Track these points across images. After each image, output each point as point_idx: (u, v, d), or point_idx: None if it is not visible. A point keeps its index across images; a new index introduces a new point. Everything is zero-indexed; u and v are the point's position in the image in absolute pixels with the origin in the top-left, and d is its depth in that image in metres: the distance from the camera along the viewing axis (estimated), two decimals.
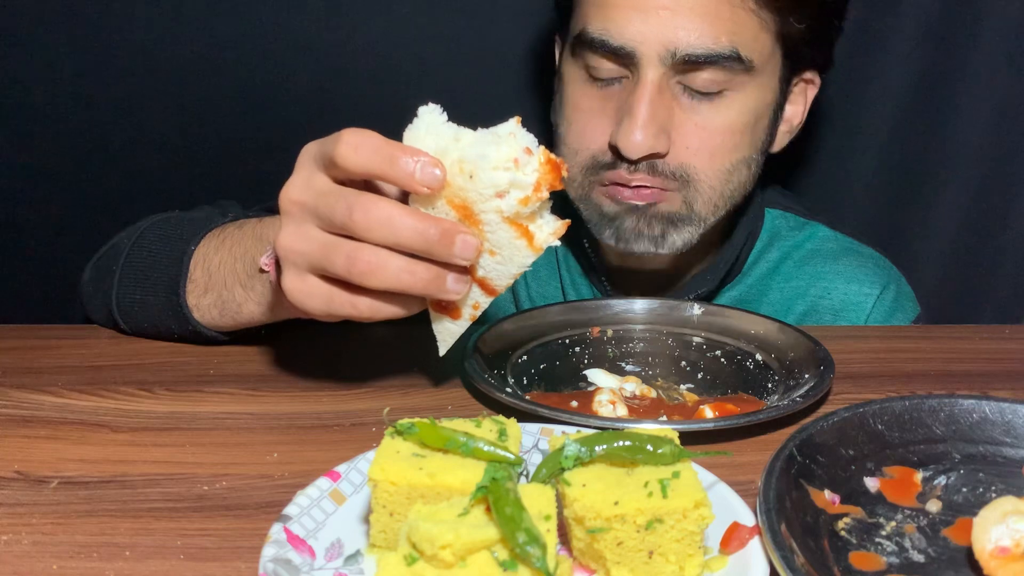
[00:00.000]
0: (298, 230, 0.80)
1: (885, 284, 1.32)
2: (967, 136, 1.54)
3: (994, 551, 0.63)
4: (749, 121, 1.15)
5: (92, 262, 1.20)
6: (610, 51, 1.10)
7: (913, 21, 1.51)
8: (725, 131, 1.13)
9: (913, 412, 0.83)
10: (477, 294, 0.83)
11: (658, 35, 1.07)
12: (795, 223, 1.37)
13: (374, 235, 0.76)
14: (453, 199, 0.77)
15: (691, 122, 1.12)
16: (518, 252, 0.79)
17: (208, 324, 1.05)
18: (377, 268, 0.76)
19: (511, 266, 0.80)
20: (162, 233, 1.12)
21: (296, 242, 0.80)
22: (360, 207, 0.76)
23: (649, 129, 1.09)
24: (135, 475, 0.80)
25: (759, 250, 1.34)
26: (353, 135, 0.77)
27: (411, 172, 0.75)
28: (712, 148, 1.13)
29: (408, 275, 0.77)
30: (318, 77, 1.54)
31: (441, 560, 0.55)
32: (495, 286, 0.83)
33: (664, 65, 1.09)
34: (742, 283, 1.33)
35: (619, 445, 0.65)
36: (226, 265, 1.02)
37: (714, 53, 1.08)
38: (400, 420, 0.68)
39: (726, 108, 1.13)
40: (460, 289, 0.80)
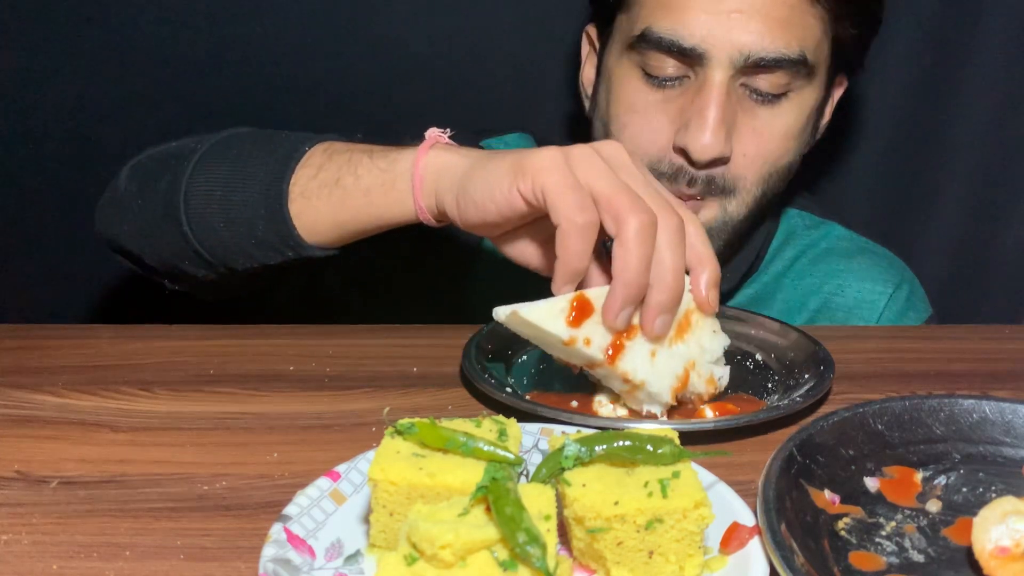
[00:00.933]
0: (569, 183, 0.79)
1: (898, 283, 1.32)
2: (967, 136, 1.54)
3: (994, 551, 0.63)
4: (804, 125, 1.16)
5: (133, 164, 1.09)
6: (679, 51, 1.08)
7: (913, 21, 1.51)
8: (782, 136, 1.14)
9: (913, 412, 0.83)
10: (599, 341, 0.82)
11: (730, 37, 1.06)
12: (811, 222, 1.38)
13: (667, 261, 0.80)
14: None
15: (749, 127, 1.12)
16: (716, 344, 0.89)
17: (305, 219, 0.95)
18: (660, 282, 0.80)
19: (655, 377, 0.85)
20: (266, 135, 1.04)
21: (567, 181, 0.79)
22: (665, 237, 0.80)
23: (720, 132, 1.08)
24: (135, 475, 0.80)
25: (775, 248, 1.35)
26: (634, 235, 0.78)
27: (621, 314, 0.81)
28: (766, 155, 1.13)
29: (637, 271, 0.78)
30: (319, 77, 1.54)
31: (441, 560, 0.55)
32: (621, 365, 0.83)
33: (733, 67, 1.08)
34: (758, 281, 1.34)
35: (619, 445, 0.65)
36: (359, 148, 0.95)
37: (784, 57, 1.08)
38: (400, 420, 0.68)
39: (785, 112, 1.13)
40: (662, 329, 0.82)
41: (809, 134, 1.20)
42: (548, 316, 0.80)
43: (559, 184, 0.78)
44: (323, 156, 0.96)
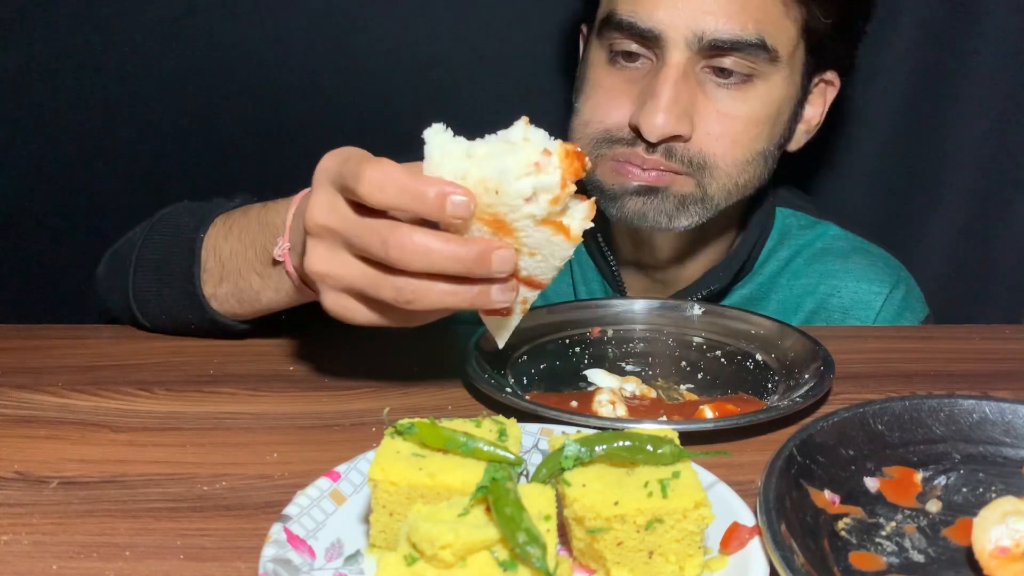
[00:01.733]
0: (332, 256, 0.80)
1: (895, 283, 1.32)
2: (967, 136, 1.54)
3: (994, 551, 0.63)
4: (771, 113, 1.16)
5: (106, 257, 1.20)
6: (637, 33, 1.11)
7: (913, 21, 1.51)
8: (747, 120, 1.14)
9: (913, 412, 0.83)
10: (524, 291, 0.82)
11: (686, 19, 1.09)
12: (806, 222, 1.37)
13: (412, 267, 0.76)
14: (483, 215, 0.76)
15: (713, 108, 1.13)
16: (557, 247, 0.78)
17: (227, 313, 1.05)
18: (423, 295, 0.77)
19: (553, 260, 0.80)
20: (172, 223, 1.12)
21: (333, 268, 0.80)
22: (395, 242, 0.75)
23: (672, 111, 1.10)
24: (135, 475, 0.80)
25: (769, 248, 1.34)
26: (374, 171, 0.75)
27: (440, 207, 0.74)
28: (734, 136, 1.14)
29: (452, 296, 0.77)
30: (319, 77, 1.54)
31: (441, 560, 0.55)
32: (540, 280, 0.82)
33: (690, 50, 1.10)
34: (752, 281, 1.33)
35: (619, 445, 0.65)
36: (237, 255, 1.02)
37: (740, 40, 1.09)
38: (400, 420, 0.68)
39: (749, 97, 1.14)
40: (507, 299, 0.79)
41: (784, 125, 1.20)
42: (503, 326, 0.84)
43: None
44: (216, 262, 1.04)
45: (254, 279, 1.01)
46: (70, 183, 1.58)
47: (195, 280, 1.04)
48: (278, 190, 1.25)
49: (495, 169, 0.74)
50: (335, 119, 1.54)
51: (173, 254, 1.08)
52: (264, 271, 0.99)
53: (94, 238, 1.25)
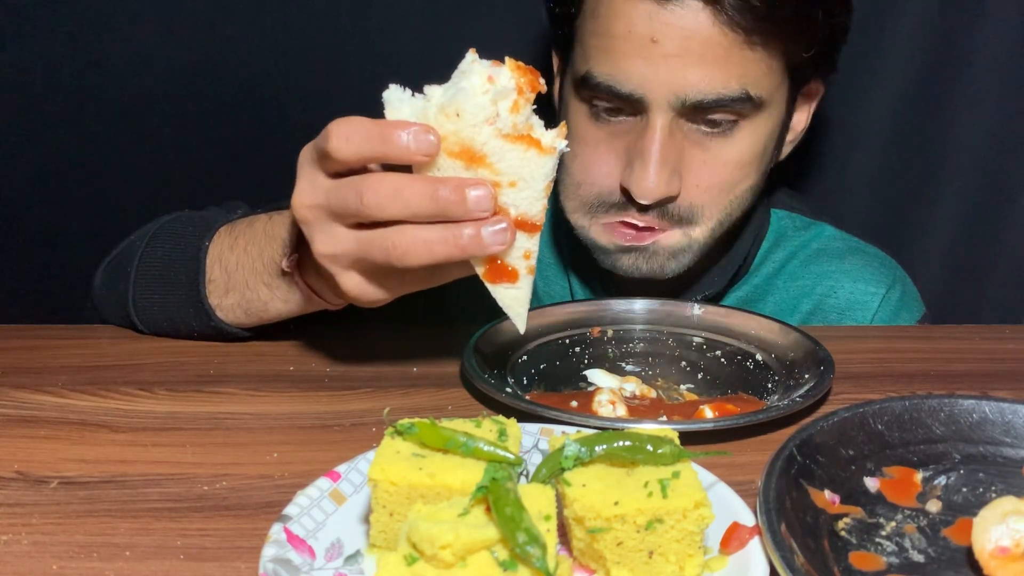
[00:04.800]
0: (327, 236, 0.81)
1: (891, 283, 1.32)
2: (967, 136, 1.54)
3: (994, 551, 0.63)
4: (759, 151, 1.15)
5: (103, 266, 1.20)
6: (617, 95, 1.09)
7: (913, 21, 1.51)
8: (735, 165, 1.13)
9: (913, 412, 0.83)
10: (522, 241, 0.80)
11: (666, 82, 1.06)
12: (801, 223, 1.37)
13: (388, 212, 0.76)
14: (451, 149, 0.76)
15: (700, 160, 1.11)
16: (533, 165, 0.78)
17: (232, 323, 1.06)
18: (413, 246, 0.76)
19: (535, 184, 0.78)
20: (175, 232, 1.12)
21: (331, 247, 0.81)
22: (368, 189, 0.76)
23: (662, 174, 1.08)
24: (135, 475, 0.80)
25: (765, 250, 1.34)
26: (340, 125, 0.77)
27: (406, 145, 0.75)
28: (721, 184, 1.13)
29: (443, 244, 0.76)
30: (318, 77, 1.54)
31: (441, 560, 0.55)
32: (533, 220, 0.80)
33: (673, 110, 1.08)
34: (748, 283, 1.33)
35: (619, 445, 0.65)
36: (244, 266, 1.02)
37: (724, 97, 1.07)
38: (400, 420, 0.68)
39: (737, 143, 1.12)
40: (501, 239, 0.77)
41: (771, 153, 1.20)
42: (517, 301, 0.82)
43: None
44: (222, 272, 1.04)
45: (262, 290, 1.01)
46: (70, 183, 1.58)
47: (200, 290, 1.05)
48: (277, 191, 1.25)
49: (451, 93, 0.76)
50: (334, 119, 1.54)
51: (176, 263, 1.08)
52: (272, 282, 1.00)
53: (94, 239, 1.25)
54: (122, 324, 1.16)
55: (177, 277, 1.07)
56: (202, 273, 1.05)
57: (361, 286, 0.84)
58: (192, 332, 1.10)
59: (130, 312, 1.12)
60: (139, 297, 1.11)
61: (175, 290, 1.08)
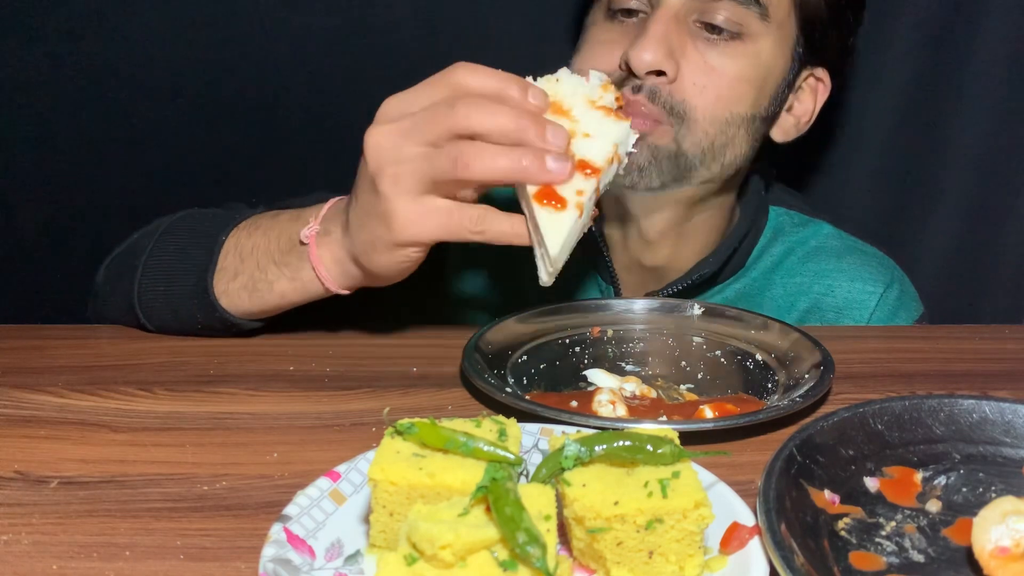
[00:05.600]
0: (397, 154, 0.87)
1: (888, 283, 1.32)
2: (967, 136, 1.54)
3: (994, 551, 0.63)
4: (758, 75, 1.17)
5: (106, 263, 1.21)
6: None
7: (913, 21, 1.51)
8: (734, 77, 1.15)
9: (913, 412, 0.83)
10: (578, 179, 0.87)
11: None
12: (799, 220, 1.37)
13: (474, 121, 0.84)
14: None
15: (701, 59, 1.14)
16: (610, 127, 0.90)
17: (236, 309, 1.07)
18: (478, 157, 0.84)
19: (606, 139, 0.89)
20: (189, 226, 1.14)
21: (396, 167, 0.87)
22: (463, 100, 0.85)
23: (661, 46, 1.11)
24: (135, 475, 0.80)
25: (762, 245, 1.34)
26: (467, 65, 0.88)
27: (524, 89, 0.87)
28: (718, 90, 1.15)
29: (507, 159, 0.84)
30: (318, 77, 1.54)
31: (441, 560, 0.55)
32: (593, 163, 0.88)
33: (685, 1, 1.12)
34: (745, 277, 1.33)
35: (619, 445, 0.65)
36: (259, 248, 1.05)
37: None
38: (400, 420, 0.68)
39: (738, 55, 1.15)
40: (561, 170, 0.85)
41: (769, 99, 1.20)
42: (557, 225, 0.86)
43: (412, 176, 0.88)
44: (235, 257, 1.07)
45: (271, 269, 1.03)
46: (70, 184, 1.58)
47: (208, 278, 1.06)
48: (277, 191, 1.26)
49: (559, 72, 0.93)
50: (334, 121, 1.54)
51: (188, 255, 1.10)
52: (283, 259, 1.02)
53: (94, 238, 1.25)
54: (126, 321, 1.17)
55: (187, 268, 1.09)
56: (214, 262, 1.07)
57: (413, 211, 0.87)
58: (196, 324, 1.10)
59: (135, 306, 1.13)
60: (146, 290, 1.12)
61: (183, 280, 1.09)
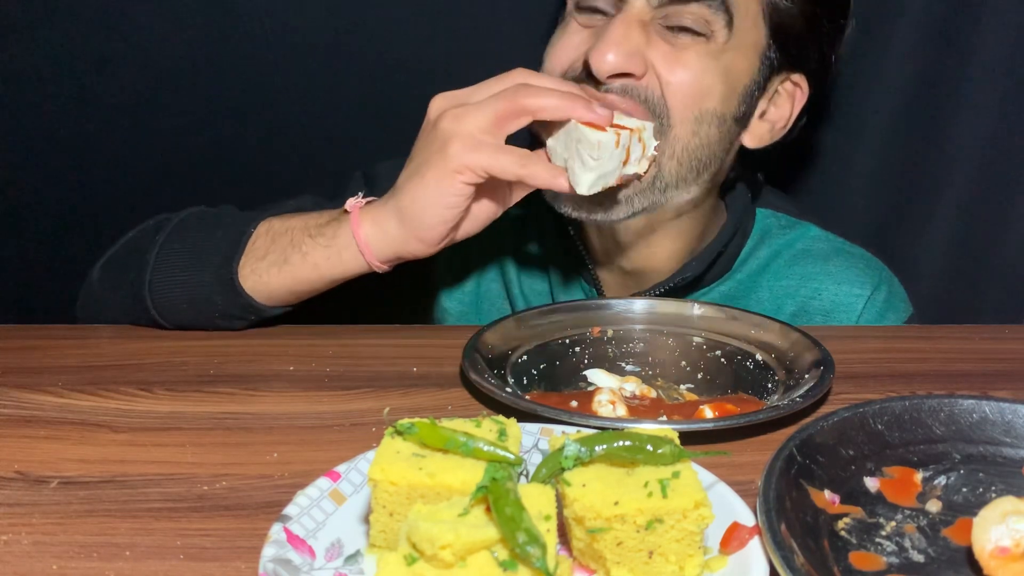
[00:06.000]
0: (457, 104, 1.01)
1: (876, 285, 1.31)
2: (967, 136, 1.54)
3: (994, 551, 0.63)
4: (724, 73, 1.14)
5: (102, 262, 1.21)
6: None
7: (914, 21, 1.50)
8: (700, 71, 1.12)
9: (913, 412, 0.83)
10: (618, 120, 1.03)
11: None
12: (786, 222, 1.36)
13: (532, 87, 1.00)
14: None
15: (670, 55, 1.11)
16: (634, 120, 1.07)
17: (261, 290, 1.08)
18: (535, 91, 0.99)
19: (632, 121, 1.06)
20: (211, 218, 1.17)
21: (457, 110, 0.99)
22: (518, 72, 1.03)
23: (622, 47, 1.08)
24: (135, 475, 0.80)
25: (750, 248, 1.34)
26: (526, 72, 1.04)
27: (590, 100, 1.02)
28: (688, 89, 1.11)
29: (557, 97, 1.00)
30: (318, 77, 1.54)
31: (441, 560, 0.55)
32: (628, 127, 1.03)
33: (649, 3, 1.10)
34: (731, 280, 1.32)
35: (619, 445, 0.65)
36: (295, 227, 1.08)
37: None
38: (400, 420, 0.68)
39: (703, 54, 1.12)
40: (604, 115, 1.00)
41: (740, 99, 1.17)
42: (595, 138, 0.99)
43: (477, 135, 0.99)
44: (266, 239, 1.09)
45: (306, 241, 1.06)
46: (70, 183, 1.58)
47: (233, 260, 1.08)
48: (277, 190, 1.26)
49: None
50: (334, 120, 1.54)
51: (211, 242, 1.11)
52: (320, 231, 1.05)
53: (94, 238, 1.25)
54: (126, 318, 1.16)
55: (210, 253, 1.10)
56: (242, 245, 1.08)
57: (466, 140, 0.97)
58: (214, 312, 1.11)
59: (144, 298, 1.12)
60: (159, 281, 1.12)
61: (204, 267, 1.10)
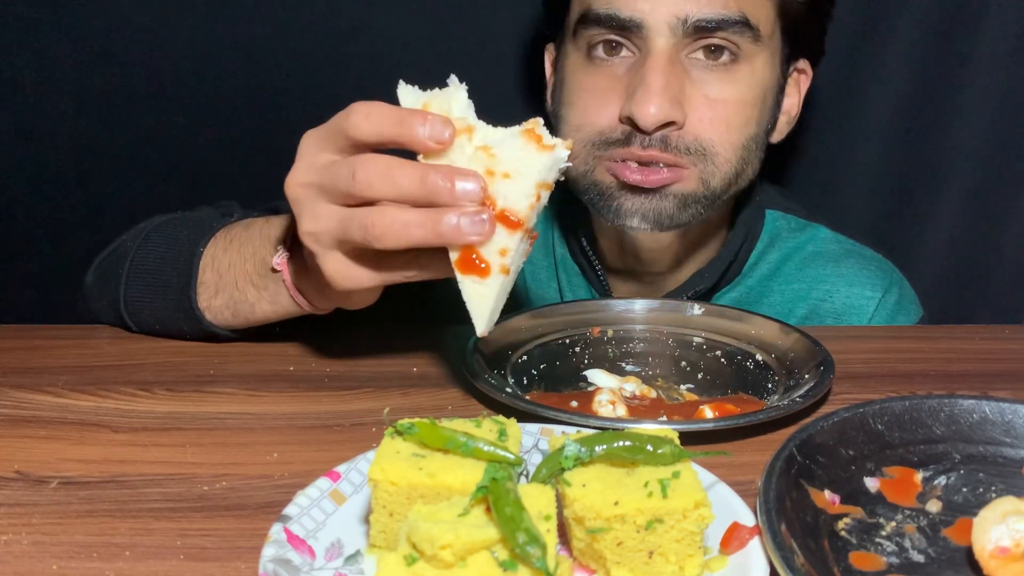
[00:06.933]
0: (313, 213, 0.82)
1: (887, 287, 1.31)
2: (967, 135, 1.54)
3: (994, 551, 0.63)
4: (757, 95, 1.15)
5: (95, 264, 1.20)
6: (618, 25, 1.09)
7: (914, 19, 1.51)
8: (737, 103, 1.13)
9: (913, 412, 0.83)
10: (502, 236, 0.78)
11: (666, 4, 1.07)
12: (796, 224, 1.36)
13: (377, 190, 0.77)
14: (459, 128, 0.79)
15: (702, 94, 1.11)
16: (530, 159, 0.77)
17: (221, 325, 1.06)
18: (391, 226, 0.77)
19: (528, 179, 0.78)
20: (168, 235, 1.12)
21: (315, 224, 0.82)
22: (361, 166, 0.78)
23: (664, 97, 1.08)
24: (135, 475, 0.80)
25: (759, 251, 1.34)
26: (363, 106, 0.79)
27: (422, 132, 0.77)
28: (727, 120, 1.13)
29: (420, 227, 0.76)
30: (318, 77, 1.54)
31: (441, 560, 0.55)
32: (518, 215, 0.78)
33: (674, 35, 1.08)
34: (742, 284, 1.33)
35: (619, 445, 0.65)
36: (236, 267, 1.03)
37: (724, 18, 1.08)
38: (400, 420, 0.68)
39: (736, 79, 1.13)
40: (479, 230, 0.76)
41: (770, 112, 1.19)
42: (482, 298, 0.80)
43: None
44: (213, 274, 1.05)
45: (250, 291, 1.01)
46: (70, 183, 1.58)
47: (191, 292, 1.05)
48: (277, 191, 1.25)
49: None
50: None
51: (169, 266, 1.08)
52: (261, 283, 1.00)
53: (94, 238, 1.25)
54: (114, 323, 1.16)
55: (168, 280, 1.07)
56: (194, 276, 1.05)
57: (340, 268, 0.83)
58: (184, 334, 1.10)
59: (122, 313, 1.12)
60: (130, 299, 1.11)
61: (166, 293, 1.07)
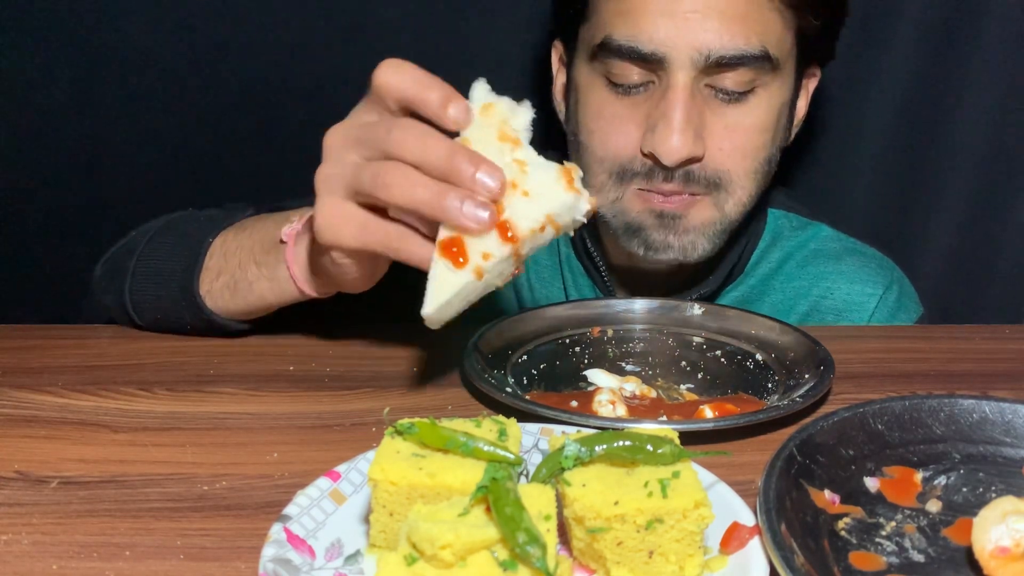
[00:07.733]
0: (338, 158, 0.82)
1: (888, 285, 1.32)
2: (967, 135, 1.54)
3: (994, 551, 0.63)
4: (773, 119, 1.16)
5: (104, 259, 1.21)
6: (639, 57, 1.08)
7: (914, 20, 1.51)
8: (754, 131, 1.14)
9: (913, 412, 0.83)
10: (492, 241, 0.77)
11: (688, 39, 1.06)
12: (798, 223, 1.37)
13: (406, 149, 0.77)
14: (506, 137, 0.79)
15: (721, 124, 1.12)
16: (552, 191, 0.77)
17: (220, 309, 1.06)
18: (399, 179, 0.77)
19: (542, 206, 0.77)
20: (180, 229, 1.14)
21: (332, 169, 0.82)
22: (397, 126, 0.79)
23: (687, 134, 1.08)
24: (135, 475, 0.80)
25: (762, 250, 1.34)
26: (393, 62, 0.82)
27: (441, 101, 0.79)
28: (744, 149, 1.13)
29: (426, 191, 0.76)
30: (318, 77, 1.54)
31: (441, 560, 0.55)
32: (516, 230, 0.77)
33: (695, 69, 1.08)
34: (744, 283, 1.33)
35: (619, 445, 0.65)
36: (243, 248, 1.04)
37: (745, 54, 1.07)
38: (400, 420, 0.68)
39: (754, 108, 1.13)
40: (479, 220, 0.76)
41: (784, 128, 1.20)
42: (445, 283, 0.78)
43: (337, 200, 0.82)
44: (220, 257, 1.07)
45: (251, 268, 1.03)
46: (70, 183, 1.58)
47: (194, 277, 1.06)
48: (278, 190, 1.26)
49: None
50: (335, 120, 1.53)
51: (175, 257, 1.09)
52: (263, 259, 1.01)
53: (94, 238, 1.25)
54: (119, 317, 1.17)
55: (173, 270, 1.08)
56: (199, 263, 1.06)
57: (330, 217, 0.82)
58: (185, 325, 1.10)
59: (127, 306, 1.13)
60: (136, 293, 1.12)
61: (169, 283, 1.08)
